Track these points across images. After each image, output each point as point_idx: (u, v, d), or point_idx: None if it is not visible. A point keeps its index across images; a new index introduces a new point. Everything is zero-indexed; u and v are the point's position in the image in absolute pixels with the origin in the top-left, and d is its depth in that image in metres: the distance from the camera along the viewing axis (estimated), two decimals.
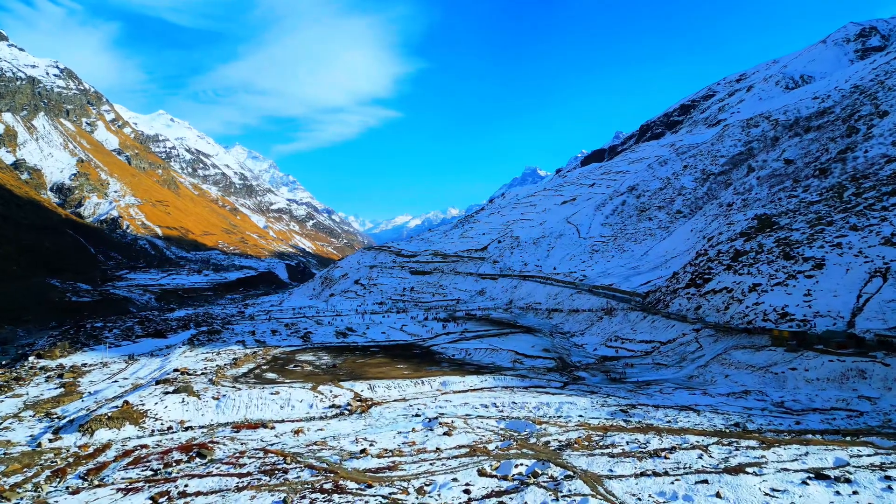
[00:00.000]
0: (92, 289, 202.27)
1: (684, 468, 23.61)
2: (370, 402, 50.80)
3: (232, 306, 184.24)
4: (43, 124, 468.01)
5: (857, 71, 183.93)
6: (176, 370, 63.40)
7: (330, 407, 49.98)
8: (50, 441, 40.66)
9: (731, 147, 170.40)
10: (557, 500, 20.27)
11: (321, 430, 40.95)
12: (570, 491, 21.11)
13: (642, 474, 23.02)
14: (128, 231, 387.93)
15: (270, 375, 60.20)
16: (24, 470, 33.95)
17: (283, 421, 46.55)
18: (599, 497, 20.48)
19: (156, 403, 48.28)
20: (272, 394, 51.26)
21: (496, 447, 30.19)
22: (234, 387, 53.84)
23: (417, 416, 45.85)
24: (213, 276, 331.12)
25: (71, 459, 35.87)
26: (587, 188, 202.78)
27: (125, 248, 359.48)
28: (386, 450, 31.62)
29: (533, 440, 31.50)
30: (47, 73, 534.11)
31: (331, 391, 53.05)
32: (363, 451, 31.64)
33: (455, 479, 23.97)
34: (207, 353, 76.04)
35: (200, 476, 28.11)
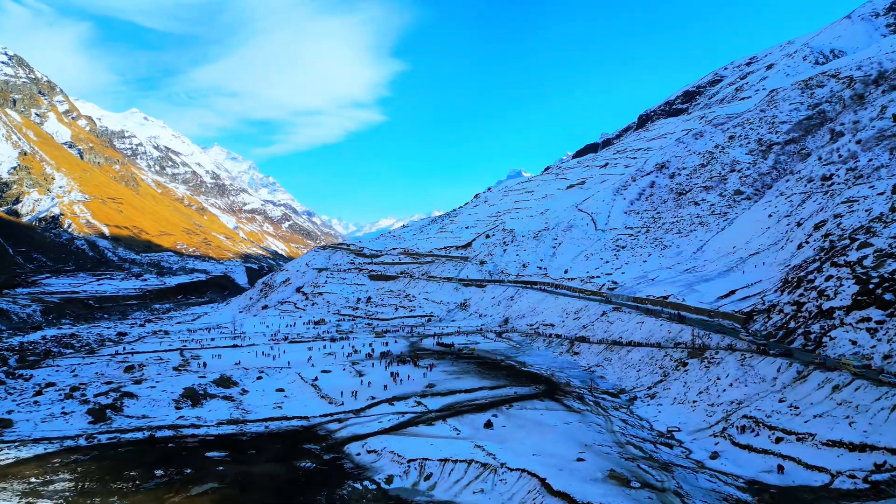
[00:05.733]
0: None
1: None
2: None
3: (129, 322, 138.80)
4: None
5: None
6: None
7: None
8: None
9: (793, 112, 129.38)
10: None
11: None
12: None
13: None
14: (69, 230, 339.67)
15: None
16: None
17: None
18: None
19: None
20: None
21: None
22: None
23: None
24: (153, 281, 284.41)
25: None
26: (598, 169, 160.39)
27: (58, 248, 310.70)
28: None
29: None
30: None
31: None
32: None
33: None
34: None
35: None
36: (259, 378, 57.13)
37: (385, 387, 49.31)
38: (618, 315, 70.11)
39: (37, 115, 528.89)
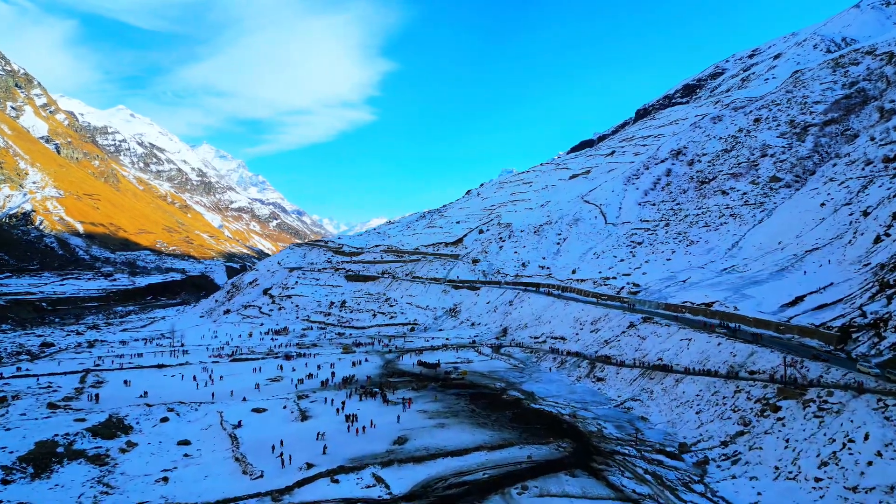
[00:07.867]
0: None
1: None
2: None
3: (71, 329, 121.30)
4: None
5: None
6: None
7: None
8: None
9: (827, 91, 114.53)
10: None
11: None
12: None
13: None
14: (40, 227, 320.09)
15: None
16: None
17: None
18: None
19: None
20: None
21: None
22: None
23: None
24: (123, 281, 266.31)
25: None
26: (604, 158, 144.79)
27: (24, 246, 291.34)
28: None
29: None
30: None
31: None
32: None
33: None
34: None
35: None
36: (164, 420, 40.61)
37: (324, 450, 32.55)
38: (651, 328, 54.18)
39: (12, 108, 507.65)
